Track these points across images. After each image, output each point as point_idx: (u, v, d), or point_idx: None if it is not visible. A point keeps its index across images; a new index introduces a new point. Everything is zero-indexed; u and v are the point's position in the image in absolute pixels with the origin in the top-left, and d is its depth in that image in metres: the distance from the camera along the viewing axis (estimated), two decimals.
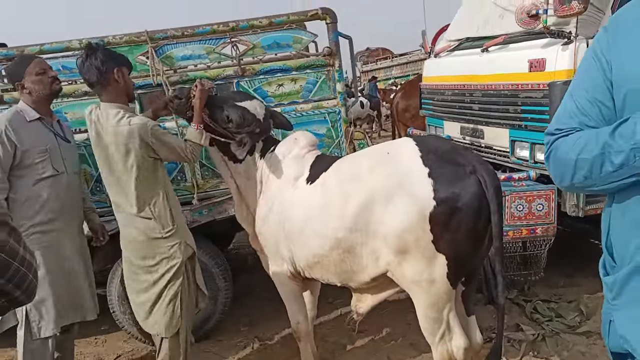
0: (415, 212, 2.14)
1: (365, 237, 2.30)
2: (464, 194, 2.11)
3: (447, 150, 2.26)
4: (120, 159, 2.58)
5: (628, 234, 1.17)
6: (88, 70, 2.59)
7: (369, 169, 2.35)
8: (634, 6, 1.16)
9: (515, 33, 3.64)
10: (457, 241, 2.14)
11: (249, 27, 3.38)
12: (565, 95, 1.27)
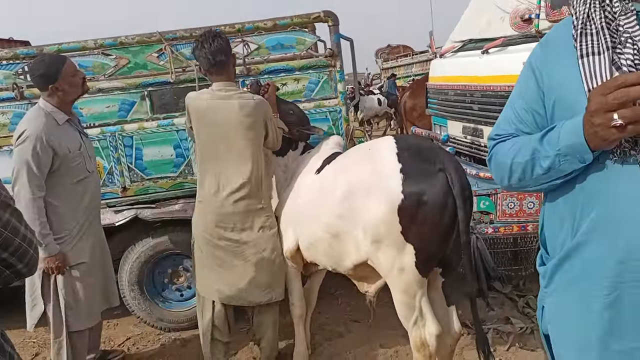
0: (387, 204, 2.33)
1: (349, 225, 2.50)
2: (430, 190, 2.28)
3: (422, 148, 2.45)
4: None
5: (557, 229, 1.30)
6: (219, 50, 2.75)
7: (354, 162, 2.61)
8: (563, 25, 1.30)
9: (513, 36, 3.74)
10: (424, 233, 2.31)
11: (254, 29, 3.55)
12: (506, 103, 1.41)
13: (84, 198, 2.85)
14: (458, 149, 4.51)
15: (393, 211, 2.32)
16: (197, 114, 2.76)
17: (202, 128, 2.77)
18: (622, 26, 1.14)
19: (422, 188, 2.30)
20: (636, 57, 1.09)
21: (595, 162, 1.13)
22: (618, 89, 1.00)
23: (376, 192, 2.40)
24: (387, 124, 15.74)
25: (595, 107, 1.04)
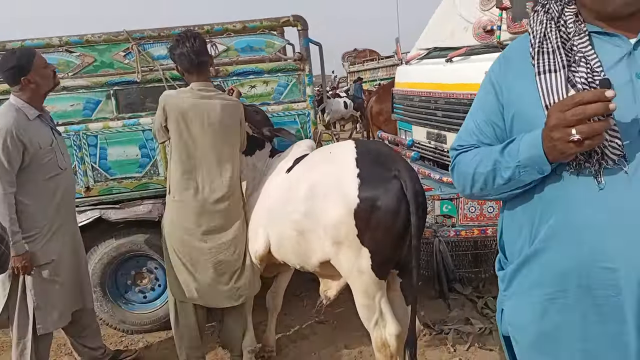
0: (344, 207, 2.42)
1: (313, 224, 2.57)
2: (384, 195, 2.37)
3: (380, 154, 2.54)
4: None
5: (515, 235, 1.37)
6: (201, 50, 2.81)
7: (317, 163, 2.70)
8: (521, 42, 1.37)
9: (476, 46, 3.87)
10: (378, 237, 2.40)
11: (224, 31, 3.56)
12: (467, 115, 1.48)
13: (55, 195, 2.80)
14: (422, 153, 4.62)
15: (350, 214, 2.41)
16: (177, 113, 2.76)
17: (181, 127, 2.77)
18: (576, 46, 1.22)
19: (376, 193, 2.38)
20: (589, 75, 1.17)
21: (553, 173, 1.20)
22: (576, 106, 1.07)
23: (334, 195, 2.48)
24: (353, 127, 15.88)
25: (555, 123, 1.11)
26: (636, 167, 1.11)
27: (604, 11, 1.19)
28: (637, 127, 1.12)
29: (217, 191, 2.83)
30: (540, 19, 1.30)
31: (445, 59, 4.19)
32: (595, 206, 1.14)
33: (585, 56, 1.20)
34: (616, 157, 1.12)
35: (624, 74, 1.16)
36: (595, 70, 1.17)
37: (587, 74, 1.17)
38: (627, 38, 1.19)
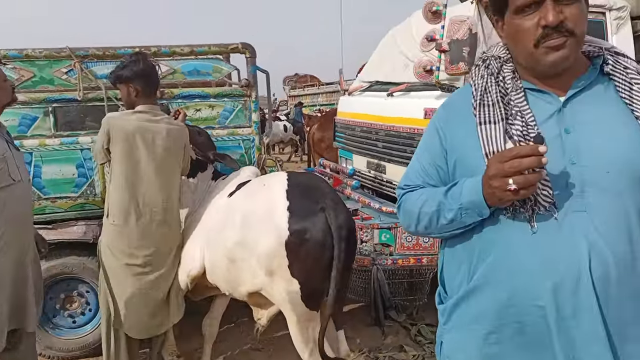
0: (276, 239, 2.49)
1: (246, 253, 2.60)
2: (311, 228, 2.47)
3: (310, 186, 2.66)
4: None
5: (455, 271, 1.45)
6: (155, 73, 2.85)
7: (252, 193, 2.76)
8: (464, 90, 1.48)
9: (416, 83, 4.06)
10: (307, 268, 2.48)
11: (171, 53, 3.55)
12: (414, 156, 1.57)
13: (5, 207, 2.65)
14: (363, 182, 4.75)
15: (281, 245, 2.48)
16: (122, 135, 2.72)
17: (125, 150, 2.72)
18: (513, 101, 1.34)
19: (305, 226, 2.48)
20: (524, 128, 1.29)
21: (491, 216, 1.30)
22: (513, 158, 1.18)
23: (268, 226, 2.54)
24: (292, 150, 16.01)
25: (494, 172, 1.21)
26: (565, 214, 1.23)
27: (535, 70, 1.32)
28: (566, 178, 1.25)
29: (158, 216, 2.80)
30: (481, 73, 1.41)
31: (386, 93, 4.37)
32: (528, 248, 1.25)
33: (521, 111, 1.31)
34: (547, 204, 1.23)
35: (554, 129, 1.29)
36: (530, 124, 1.29)
37: (522, 127, 1.29)
38: (558, 96, 1.32)
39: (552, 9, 1.20)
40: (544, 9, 1.21)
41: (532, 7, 1.22)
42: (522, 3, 1.23)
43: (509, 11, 1.28)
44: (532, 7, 1.22)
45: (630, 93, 1.28)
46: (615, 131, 1.25)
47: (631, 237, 1.22)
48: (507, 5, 1.27)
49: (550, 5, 1.20)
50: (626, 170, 1.23)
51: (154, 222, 2.80)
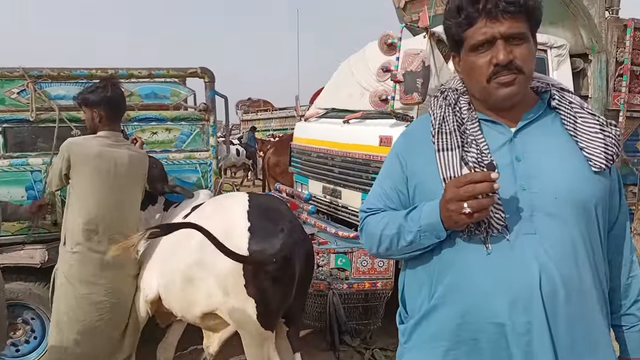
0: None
1: (203, 273, 2.60)
2: (269, 249, 2.51)
3: (271, 208, 2.71)
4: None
5: (416, 292, 1.51)
6: (122, 99, 2.84)
7: (211, 213, 2.76)
8: (423, 119, 1.57)
9: (372, 111, 4.19)
10: (264, 289, 2.51)
11: (128, 76, 3.53)
12: (376, 181, 1.64)
13: None
14: (319, 207, 4.80)
15: (239, 266, 2.50)
16: (83, 160, 2.67)
17: (86, 175, 2.67)
18: (468, 130, 1.44)
19: (264, 247, 2.52)
20: (479, 156, 1.38)
21: (449, 238, 1.38)
22: (468, 184, 1.26)
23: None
24: (244, 174, 15.94)
25: (450, 197, 1.29)
26: (516, 236, 1.32)
27: (489, 103, 1.43)
28: (517, 202, 1.34)
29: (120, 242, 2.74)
30: (439, 103, 1.51)
31: (343, 120, 4.47)
32: (484, 269, 1.33)
33: (476, 139, 1.41)
34: (500, 227, 1.32)
35: (506, 157, 1.39)
36: (484, 152, 1.38)
37: (477, 154, 1.38)
38: (509, 127, 1.43)
39: (503, 48, 1.31)
40: (495, 49, 1.32)
41: (485, 46, 1.33)
42: (476, 42, 1.34)
43: (465, 49, 1.38)
44: (485, 46, 1.33)
45: (574, 126, 1.39)
46: (561, 161, 1.36)
47: (577, 260, 1.32)
48: (463, 43, 1.38)
49: (501, 46, 1.31)
50: (570, 197, 1.33)
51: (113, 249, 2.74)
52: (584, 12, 4.21)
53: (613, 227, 1.48)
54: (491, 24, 1.31)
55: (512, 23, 1.30)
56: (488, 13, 1.30)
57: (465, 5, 1.33)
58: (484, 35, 1.32)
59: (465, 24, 1.34)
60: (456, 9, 1.36)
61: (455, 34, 1.39)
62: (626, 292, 1.49)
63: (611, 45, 4.38)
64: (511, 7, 1.29)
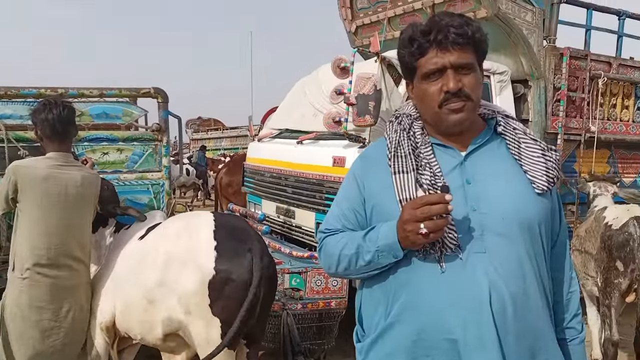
0: (199, 278, 2.51)
1: (166, 293, 2.58)
2: (237, 268, 2.53)
3: (237, 228, 2.72)
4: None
5: (373, 311, 1.56)
6: (68, 120, 2.72)
7: (175, 233, 2.73)
8: (379, 143, 1.64)
9: (325, 132, 4.26)
10: (229, 308, 2.51)
11: (78, 95, 3.47)
12: (333, 202, 1.69)
13: None
14: (273, 227, 4.81)
15: (204, 285, 2.50)
16: (32, 183, 2.58)
17: (36, 198, 2.58)
18: (422, 153, 1.51)
19: (231, 266, 2.53)
20: (432, 178, 1.45)
21: (405, 257, 1.44)
22: (424, 205, 1.33)
23: (191, 266, 2.55)
24: (194, 194, 15.70)
25: (407, 218, 1.35)
26: (468, 255, 1.39)
27: (440, 128, 1.51)
28: (468, 223, 1.42)
29: (70, 268, 2.67)
30: (395, 128, 1.58)
31: (296, 141, 4.53)
32: (438, 286, 1.39)
33: (429, 163, 1.48)
34: (453, 246, 1.39)
35: (457, 180, 1.47)
36: (437, 175, 1.46)
37: (431, 177, 1.45)
38: (460, 151, 1.51)
39: (453, 77, 1.40)
40: (446, 77, 1.41)
41: (437, 74, 1.42)
42: (427, 71, 1.43)
43: (417, 77, 1.47)
44: (437, 74, 1.42)
45: (519, 150, 1.50)
46: (507, 183, 1.46)
47: (524, 277, 1.41)
48: (416, 71, 1.46)
49: (451, 75, 1.40)
50: (517, 218, 1.42)
51: (65, 274, 2.66)
52: (524, 40, 4.47)
53: (555, 245, 1.58)
54: (442, 54, 1.40)
55: (460, 54, 1.40)
56: (439, 44, 1.39)
57: (417, 36, 1.42)
58: (435, 65, 1.41)
59: (418, 54, 1.43)
60: (409, 40, 1.45)
61: (409, 62, 1.47)
62: (567, 306, 1.59)
63: (549, 72, 4.66)
64: (460, 39, 1.39)
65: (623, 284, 3.62)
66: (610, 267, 3.70)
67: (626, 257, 3.61)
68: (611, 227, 3.77)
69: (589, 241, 4.03)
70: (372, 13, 5.47)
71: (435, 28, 1.39)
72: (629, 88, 5.24)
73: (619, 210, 3.95)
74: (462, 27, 1.39)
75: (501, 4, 4.25)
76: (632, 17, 5.50)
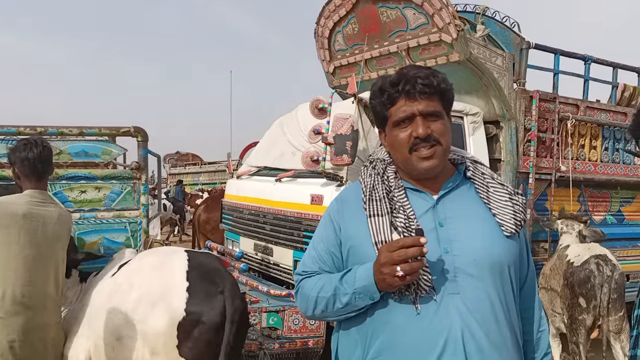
0: (168, 319, 2.50)
1: (133, 331, 2.55)
2: (208, 311, 2.53)
3: (210, 269, 2.72)
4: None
5: (351, 352, 1.58)
6: (47, 159, 2.75)
7: (147, 270, 2.73)
8: (354, 186, 1.69)
9: (303, 171, 4.33)
10: (197, 349, 2.51)
11: (59, 134, 3.48)
12: (310, 244, 1.73)
13: None
14: (251, 265, 4.80)
15: (173, 326, 2.49)
16: (9, 220, 2.56)
17: (13, 234, 2.55)
18: (396, 197, 1.57)
19: (202, 309, 2.53)
20: (406, 221, 1.51)
21: (381, 299, 1.48)
22: (400, 248, 1.38)
23: (161, 305, 2.53)
24: (170, 229, 15.53)
25: (384, 261, 1.40)
26: (442, 296, 1.44)
27: (412, 174, 1.58)
28: (441, 264, 1.47)
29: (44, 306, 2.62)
30: (369, 172, 1.64)
31: (275, 179, 4.58)
32: (413, 328, 1.43)
33: (403, 206, 1.54)
34: (427, 288, 1.44)
35: (430, 222, 1.52)
36: (410, 218, 1.51)
37: (405, 220, 1.51)
38: (431, 194, 1.58)
39: (422, 124, 1.49)
40: (415, 124, 1.49)
41: (406, 122, 1.51)
42: (397, 119, 1.51)
43: (389, 125, 1.55)
44: (406, 122, 1.51)
45: (487, 194, 1.57)
46: (478, 226, 1.52)
47: (496, 317, 1.46)
48: (387, 120, 1.54)
49: (420, 121, 1.49)
50: (487, 259, 1.48)
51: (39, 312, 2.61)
52: (495, 83, 4.64)
53: (524, 286, 1.64)
54: (410, 103, 1.49)
55: (428, 102, 1.49)
56: (407, 93, 1.49)
57: (387, 87, 1.52)
58: (404, 113, 1.50)
59: (388, 103, 1.52)
60: (379, 90, 1.54)
61: (380, 112, 1.56)
62: (537, 345, 1.65)
63: (520, 114, 4.83)
64: (426, 89, 1.48)
65: (587, 320, 3.72)
66: (574, 304, 3.80)
67: (588, 294, 3.71)
68: (573, 265, 3.88)
69: (554, 279, 4.14)
70: (349, 55, 5.63)
71: (404, 79, 1.49)
72: (596, 129, 5.45)
73: (580, 248, 4.09)
74: (428, 77, 1.49)
75: (473, 49, 4.43)
76: (597, 62, 5.77)
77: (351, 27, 5.36)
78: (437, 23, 4.41)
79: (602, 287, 3.67)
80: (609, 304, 3.68)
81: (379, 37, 5.11)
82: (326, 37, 5.73)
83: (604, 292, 3.67)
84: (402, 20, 4.77)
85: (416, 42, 4.73)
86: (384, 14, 4.88)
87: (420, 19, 4.60)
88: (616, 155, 5.57)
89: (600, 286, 3.67)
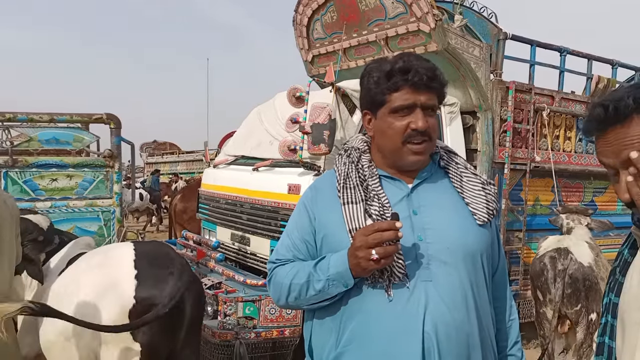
0: (119, 307, 2.49)
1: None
2: (159, 294, 2.53)
3: (159, 255, 2.73)
4: None
5: (324, 341, 1.58)
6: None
7: (95, 266, 2.69)
8: (329, 174, 1.68)
9: (280, 160, 4.29)
10: (151, 333, 2.51)
11: (28, 120, 3.39)
12: (284, 232, 1.71)
13: None
14: (227, 255, 4.76)
15: (124, 314, 2.48)
16: None
17: None
18: (370, 185, 1.56)
19: (152, 293, 2.53)
20: (381, 209, 1.50)
21: (355, 287, 1.47)
22: (375, 232, 1.38)
23: (110, 295, 2.52)
24: (147, 219, 15.36)
25: (359, 244, 1.39)
26: (415, 283, 1.44)
27: (397, 163, 1.57)
28: (415, 251, 1.47)
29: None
30: (344, 161, 1.63)
31: (252, 168, 4.54)
32: (385, 315, 1.43)
33: (377, 194, 1.54)
34: (401, 275, 1.43)
35: (405, 210, 1.52)
36: (385, 205, 1.51)
37: (379, 208, 1.51)
38: (406, 183, 1.57)
39: (422, 117, 1.49)
40: (414, 116, 1.49)
41: (406, 111, 1.50)
42: (398, 106, 1.50)
43: (384, 110, 1.53)
44: (406, 111, 1.50)
45: (461, 184, 1.57)
46: (451, 214, 1.53)
47: (467, 305, 1.47)
48: (384, 105, 1.52)
49: (420, 114, 1.49)
50: (460, 247, 1.49)
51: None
52: (472, 74, 4.66)
53: (495, 274, 1.65)
54: (414, 93, 1.49)
55: (429, 96, 1.50)
56: (413, 84, 1.48)
57: (396, 73, 1.49)
58: (406, 101, 1.49)
59: (392, 89, 1.50)
60: (386, 75, 1.51)
61: (376, 94, 1.53)
62: (508, 334, 1.67)
63: (496, 105, 4.86)
64: (432, 83, 1.49)
65: (547, 313, 3.72)
66: (535, 297, 3.85)
67: (542, 287, 3.74)
68: (535, 257, 3.91)
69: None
70: (328, 43, 5.59)
71: (413, 69, 1.48)
72: (570, 120, 5.53)
73: (552, 240, 4.05)
74: (433, 71, 1.50)
75: (450, 39, 4.44)
76: (572, 54, 5.83)
77: (330, 16, 5.32)
78: (416, 12, 4.40)
79: (554, 282, 3.67)
80: (563, 298, 3.65)
81: (357, 25, 5.08)
82: (305, 25, 5.67)
83: (557, 286, 3.66)
84: (381, 9, 4.75)
85: (394, 32, 4.71)
86: (362, 2, 4.85)
87: (399, 8, 4.58)
88: (590, 146, 5.66)
89: (553, 280, 3.67)
